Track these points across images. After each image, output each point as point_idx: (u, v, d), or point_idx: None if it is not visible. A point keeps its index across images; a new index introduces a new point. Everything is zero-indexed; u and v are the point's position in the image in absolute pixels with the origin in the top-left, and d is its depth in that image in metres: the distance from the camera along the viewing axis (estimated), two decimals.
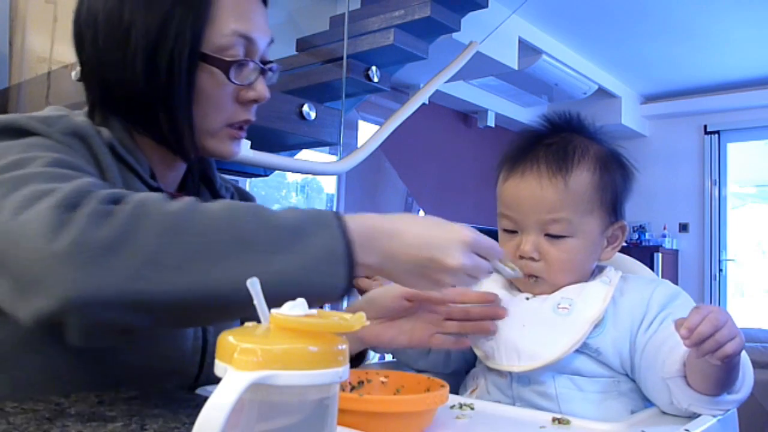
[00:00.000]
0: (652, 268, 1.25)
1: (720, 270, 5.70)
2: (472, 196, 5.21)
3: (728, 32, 4.32)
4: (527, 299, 0.89)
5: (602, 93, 5.27)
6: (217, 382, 0.38)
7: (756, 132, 5.68)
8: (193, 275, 0.57)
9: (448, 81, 3.44)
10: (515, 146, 0.94)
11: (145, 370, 0.76)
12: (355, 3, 3.21)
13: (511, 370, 0.84)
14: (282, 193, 4.27)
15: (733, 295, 5.80)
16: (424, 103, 3.34)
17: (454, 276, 0.69)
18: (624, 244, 0.95)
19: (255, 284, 0.42)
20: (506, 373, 0.86)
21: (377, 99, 4.09)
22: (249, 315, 0.50)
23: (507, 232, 0.91)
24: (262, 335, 0.41)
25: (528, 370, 0.82)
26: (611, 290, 0.86)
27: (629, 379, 0.84)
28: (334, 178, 4.21)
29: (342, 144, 2.77)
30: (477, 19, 3.18)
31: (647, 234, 5.75)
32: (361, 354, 0.93)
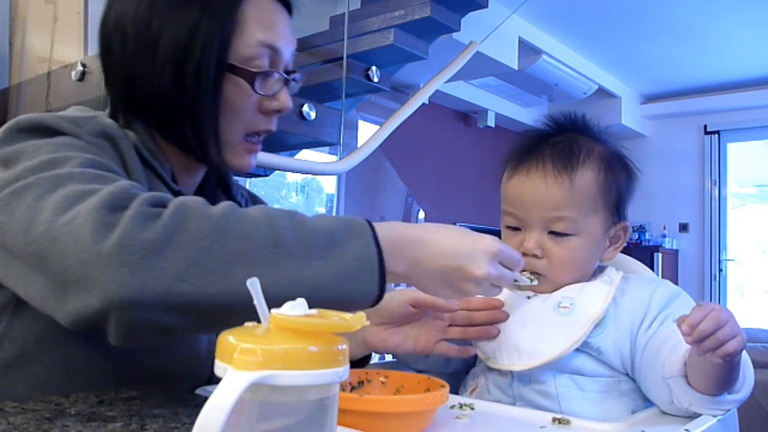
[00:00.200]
0: (652, 268, 1.25)
1: (720, 270, 5.70)
2: (472, 196, 5.21)
3: (728, 32, 4.32)
4: (528, 298, 0.89)
5: (602, 93, 5.27)
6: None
7: (756, 132, 5.68)
8: (234, 278, 0.58)
9: (448, 81, 3.44)
10: (520, 144, 0.94)
11: (159, 371, 0.76)
12: (355, 3, 3.21)
13: (512, 369, 0.84)
14: (282, 193, 4.27)
15: (733, 295, 5.80)
16: (424, 103, 3.34)
17: (479, 285, 0.70)
18: (624, 244, 0.95)
19: (255, 284, 0.42)
20: (507, 373, 0.86)
21: (377, 99, 4.09)
22: None
23: (510, 230, 0.91)
24: (262, 335, 0.40)
25: (528, 368, 0.82)
26: (612, 290, 0.86)
27: (630, 379, 0.84)
28: (334, 178, 4.22)
29: (342, 144, 2.78)
30: (477, 19, 3.18)
31: (647, 234, 5.75)
32: (365, 358, 0.93)
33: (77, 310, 0.57)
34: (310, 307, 0.41)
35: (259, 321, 0.43)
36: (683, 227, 5.86)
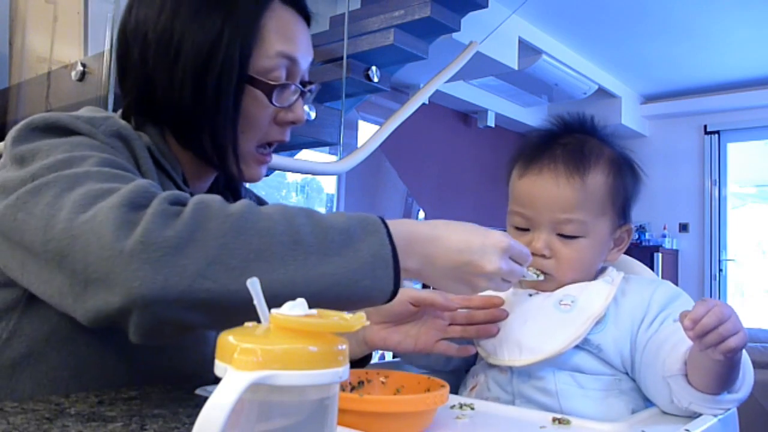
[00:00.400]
0: (652, 268, 1.26)
1: (720, 270, 5.70)
2: (472, 196, 5.21)
3: (728, 32, 4.32)
4: (530, 296, 0.90)
5: (602, 93, 5.27)
6: None
7: (756, 132, 5.68)
8: (254, 275, 0.57)
9: (448, 81, 3.44)
10: (530, 144, 0.95)
11: (166, 372, 0.77)
12: (355, 3, 3.21)
13: (513, 365, 0.84)
14: (282, 193, 4.27)
15: (733, 295, 5.80)
16: (424, 103, 3.34)
17: (490, 280, 0.71)
18: (627, 245, 0.96)
19: (255, 284, 0.42)
20: (506, 369, 0.86)
21: (377, 99, 4.09)
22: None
23: (518, 230, 0.91)
24: (262, 335, 0.40)
25: (529, 364, 0.82)
26: (614, 289, 0.86)
27: (630, 379, 0.84)
28: (334, 178, 4.21)
29: (342, 144, 2.78)
30: (477, 19, 3.18)
31: (647, 234, 5.75)
32: (366, 357, 0.93)
33: (98, 307, 0.58)
34: (327, 303, 0.41)
35: (259, 321, 0.43)
36: (683, 227, 5.86)
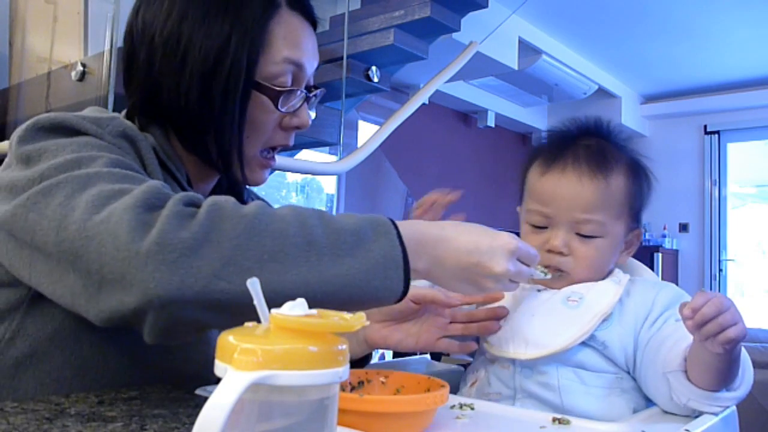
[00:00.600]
0: (652, 268, 1.26)
1: (720, 270, 5.70)
2: (472, 195, 5.20)
3: (728, 32, 4.32)
4: (538, 291, 0.90)
5: (602, 93, 5.27)
6: None
7: (756, 132, 5.68)
8: (268, 276, 0.59)
9: (448, 81, 3.44)
10: (550, 143, 0.96)
11: (169, 373, 0.77)
12: (355, 3, 3.21)
13: (518, 358, 0.84)
14: (282, 193, 4.27)
15: (733, 295, 5.80)
16: (424, 103, 3.34)
17: (498, 281, 0.72)
18: (635, 250, 0.97)
19: (255, 284, 0.42)
20: (509, 364, 0.86)
21: (377, 99, 4.09)
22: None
23: (535, 228, 0.92)
24: (262, 335, 0.41)
25: (534, 358, 0.83)
26: (621, 289, 0.87)
27: (632, 378, 0.85)
28: (334, 178, 4.21)
29: (342, 144, 2.78)
30: (477, 19, 3.18)
31: (647, 234, 5.74)
32: (365, 357, 0.93)
33: (113, 308, 0.58)
34: (339, 304, 0.41)
35: (258, 321, 0.43)
36: (683, 227, 5.86)
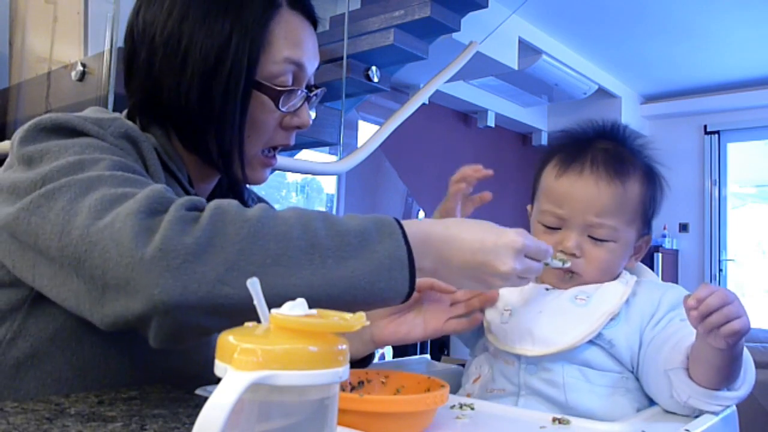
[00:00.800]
0: (652, 268, 1.26)
1: (720, 270, 5.70)
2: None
3: (728, 32, 4.32)
4: (546, 289, 0.90)
5: (602, 93, 5.27)
6: None
7: (756, 132, 5.68)
8: (272, 279, 0.59)
9: (448, 81, 3.44)
10: (566, 144, 0.95)
11: (170, 374, 0.77)
12: (355, 3, 3.21)
13: (524, 354, 0.84)
14: (282, 193, 4.27)
15: None
16: (424, 103, 3.34)
17: (506, 280, 0.71)
18: (643, 255, 0.97)
19: (255, 284, 0.42)
20: (513, 360, 0.86)
21: (377, 99, 4.08)
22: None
23: (547, 228, 0.91)
24: (262, 335, 0.41)
25: (540, 355, 0.83)
26: (628, 290, 0.87)
27: (637, 378, 0.85)
28: (334, 178, 4.21)
29: (342, 144, 2.78)
30: (477, 19, 3.18)
31: None
32: (368, 357, 0.93)
33: (117, 313, 0.58)
34: (344, 305, 0.41)
35: (258, 321, 0.43)
36: (683, 227, 5.85)
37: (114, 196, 0.61)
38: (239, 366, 0.37)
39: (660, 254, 5.44)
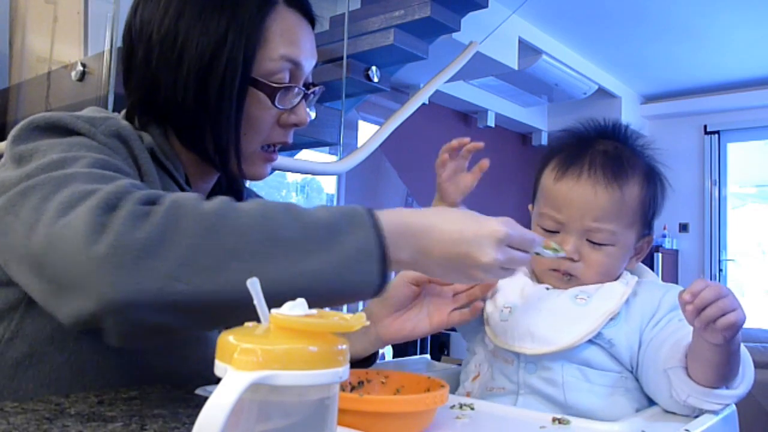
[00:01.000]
0: (652, 268, 1.26)
1: (720, 270, 5.70)
2: (472, 196, 5.19)
3: (728, 32, 4.32)
4: (547, 289, 0.90)
5: (602, 93, 5.27)
6: None
7: (756, 132, 5.68)
8: (230, 275, 0.57)
9: (448, 81, 3.44)
10: (565, 145, 0.95)
11: (169, 373, 0.77)
12: (355, 3, 3.21)
13: (523, 352, 0.84)
14: (282, 193, 4.27)
15: None
16: (424, 103, 3.34)
17: (487, 271, 0.69)
18: (645, 255, 0.97)
19: (255, 284, 0.42)
20: (513, 359, 0.86)
21: (377, 99, 4.09)
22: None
23: (546, 231, 0.91)
24: (262, 335, 0.41)
25: (540, 353, 0.83)
26: (629, 290, 0.87)
27: (636, 378, 0.85)
28: (334, 178, 4.21)
29: (342, 144, 2.78)
30: (477, 19, 3.18)
31: None
32: (371, 357, 0.93)
33: (74, 313, 0.58)
34: (313, 300, 0.41)
35: (258, 321, 0.43)
36: (683, 227, 5.85)
37: (82, 193, 0.60)
38: (239, 366, 0.37)
39: (660, 254, 5.44)
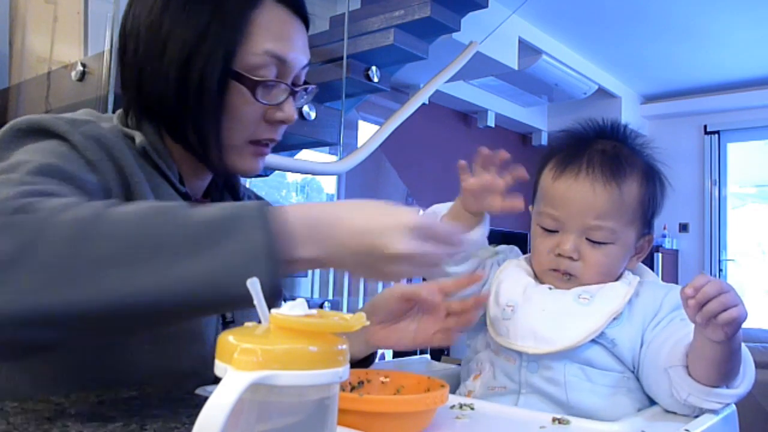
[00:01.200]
0: (652, 269, 1.26)
1: (720, 270, 5.70)
2: None
3: (728, 32, 4.32)
4: (549, 289, 0.90)
5: (602, 93, 5.27)
6: None
7: (756, 132, 5.68)
8: (103, 283, 0.54)
9: (448, 81, 3.44)
10: (564, 145, 0.95)
11: (166, 372, 0.76)
12: (355, 3, 3.21)
13: (526, 351, 0.84)
14: (282, 193, 4.27)
15: None
16: (424, 103, 3.34)
17: (401, 264, 0.62)
18: (646, 254, 0.97)
19: (255, 284, 0.42)
20: (515, 358, 0.86)
21: (377, 99, 4.09)
22: (174, 322, 0.54)
23: (545, 231, 0.91)
24: (262, 335, 0.41)
25: (543, 353, 0.83)
26: (631, 290, 0.87)
27: (638, 378, 0.85)
28: (334, 178, 4.21)
29: (342, 144, 2.78)
30: (477, 19, 3.18)
31: None
32: (370, 357, 0.93)
33: None
34: (192, 306, 0.39)
35: (259, 321, 0.43)
36: (683, 227, 5.85)
37: None
38: (239, 366, 0.37)
39: (660, 254, 5.45)
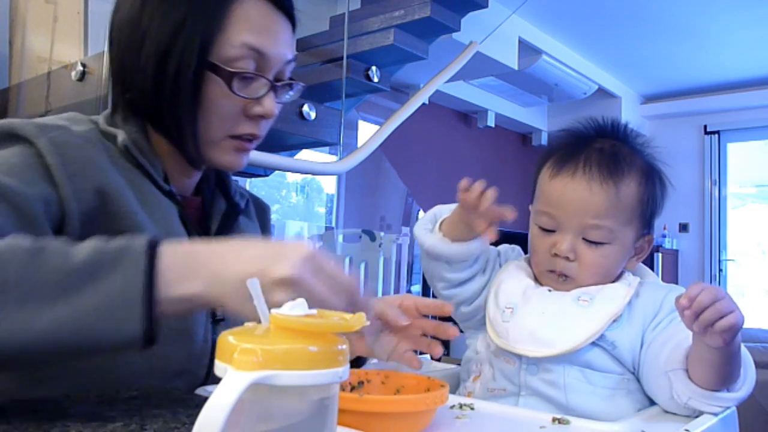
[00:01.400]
0: (652, 269, 1.26)
1: (720, 270, 5.70)
2: None
3: (728, 32, 4.32)
4: (549, 291, 0.90)
5: (602, 93, 5.27)
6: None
7: (756, 132, 5.68)
8: None
9: (448, 81, 3.44)
10: (563, 144, 0.95)
11: (157, 370, 0.76)
12: (355, 3, 3.22)
13: (526, 355, 0.84)
14: (282, 193, 4.27)
15: (733, 295, 5.62)
16: (424, 103, 3.34)
17: (288, 290, 0.56)
18: (646, 255, 0.96)
19: (255, 284, 0.42)
20: (515, 361, 0.86)
21: (377, 99, 4.09)
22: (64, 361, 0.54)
23: (543, 231, 0.91)
24: (262, 335, 0.41)
25: (542, 356, 0.83)
26: (631, 291, 0.87)
27: (638, 379, 0.85)
28: (334, 178, 4.21)
29: (342, 144, 2.78)
30: (477, 19, 3.18)
31: None
32: (361, 357, 0.92)
33: None
34: (62, 351, 0.38)
35: (259, 321, 0.43)
36: (683, 227, 5.85)
37: None
38: (239, 366, 0.37)
39: (660, 254, 5.44)
